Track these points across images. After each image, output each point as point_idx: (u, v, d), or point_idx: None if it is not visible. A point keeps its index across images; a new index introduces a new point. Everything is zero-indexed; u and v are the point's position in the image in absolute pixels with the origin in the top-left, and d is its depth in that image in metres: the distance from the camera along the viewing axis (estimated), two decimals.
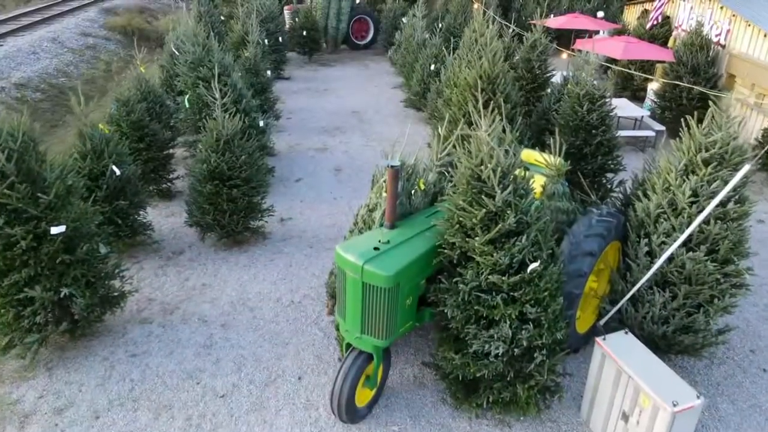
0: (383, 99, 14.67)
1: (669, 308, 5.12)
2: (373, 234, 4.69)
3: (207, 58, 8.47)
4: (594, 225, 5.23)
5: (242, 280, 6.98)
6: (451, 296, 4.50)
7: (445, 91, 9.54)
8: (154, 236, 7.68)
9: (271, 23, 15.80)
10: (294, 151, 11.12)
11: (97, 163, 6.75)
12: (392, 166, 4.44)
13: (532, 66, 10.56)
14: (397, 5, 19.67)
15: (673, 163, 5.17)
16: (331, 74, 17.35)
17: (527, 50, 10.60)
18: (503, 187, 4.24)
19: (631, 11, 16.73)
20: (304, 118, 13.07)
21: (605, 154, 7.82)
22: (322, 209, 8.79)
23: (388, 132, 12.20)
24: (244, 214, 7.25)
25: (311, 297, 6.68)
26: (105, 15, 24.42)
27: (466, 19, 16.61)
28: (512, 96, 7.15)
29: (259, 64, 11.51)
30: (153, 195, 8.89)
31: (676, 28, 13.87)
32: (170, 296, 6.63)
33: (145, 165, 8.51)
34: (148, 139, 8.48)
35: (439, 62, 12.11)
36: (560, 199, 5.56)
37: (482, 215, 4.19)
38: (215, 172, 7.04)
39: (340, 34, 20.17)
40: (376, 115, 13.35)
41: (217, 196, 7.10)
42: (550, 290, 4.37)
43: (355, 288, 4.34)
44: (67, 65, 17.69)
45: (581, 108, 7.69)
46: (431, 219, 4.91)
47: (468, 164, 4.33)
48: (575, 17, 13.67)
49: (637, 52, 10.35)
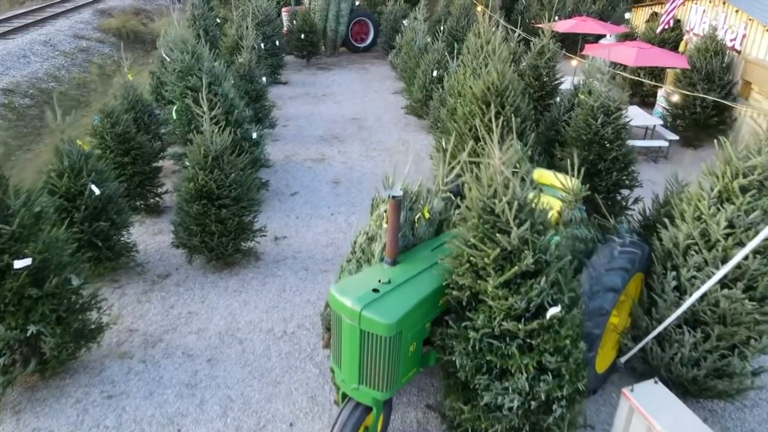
0: (383, 105, 14.17)
1: (700, 350, 4.62)
2: (373, 272, 4.19)
3: (196, 67, 7.97)
4: (616, 257, 4.73)
5: (232, 307, 6.49)
6: (459, 342, 4.00)
7: (449, 101, 9.05)
8: (138, 258, 7.19)
9: (268, 26, 15.31)
10: (290, 161, 10.63)
11: (75, 181, 6.25)
12: (394, 197, 3.95)
13: (540, 73, 10.06)
14: (397, 7, 19.14)
15: (705, 189, 4.67)
16: (330, 79, 16.85)
17: (535, 56, 10.11)
18: (519, 222, 3.74)
19: (638, 14, 16.22)
20: (301, 126, 12.57)
21: (621, 170, 7.32)
22: (318, 226, 8.29)
23: (389, 141, 11.71)
24: (234, 235, 6.75)
25: (306, 327, 6.18)
26: (99, 17, 23.92)
27: (468, 22, 16.12)
28: (522, 109, 6.65)
29: (253, 71, 11.02)
30: (140, 211, 8.41)
31: (687, 32, 13.36)
32: (153, 326, 6.14)
33: (131, 180, 8.02)
34: (134, 153, 7.99)
35: (442, 68, 11.62)
36: (578, 227, 5.07)
37: (495, 255, 3.69)
38: (203, 191, 6.54)
39: (339, 36, 19.66)
40: (376, 123, 12.85)
41: (204, 216, 6.60)
42: (572, 337, 3.87)
43: (353, 335, 3.84)
44: (58, 69, 17.19)
45: (595, 121, 7.20)
46: (437, 253, 4.41)
47: (479, 195, 3.83)
48: (583, 20, 13.10)
49: (650, 59, 9.84)
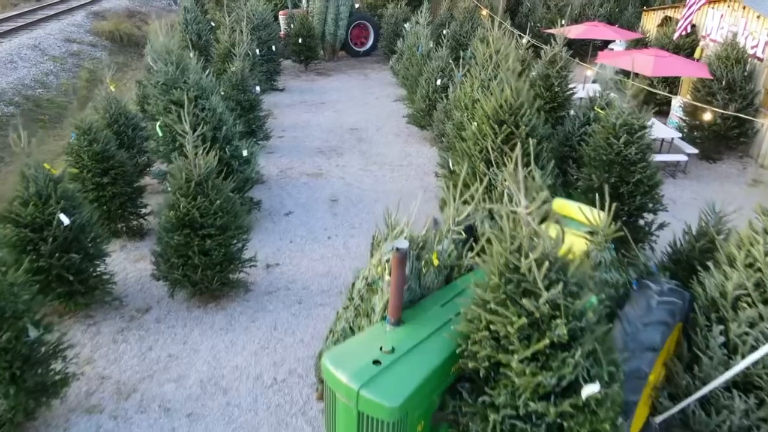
0: (384, 114, 13.54)
1: (753, 417, 3.99)
2: (373, 335, 3.56)
3: (182, 79, 7.33)
4: (654, 308, 4.10)
5: (217, 349, 5.85)
6: (476, 422, 3.36)
7: (455, 114, 8.42)
8: (116, 290, 6.55)
9: (264, 31, 14.67)
10: (285, 177, 9.99)
11: (43, 210, 5.62)
12: (398, 249, 3.32)
13: (552, 83, 9.42)
14: (398, 10, 18.47)
15: (758, 231, 4.04)
16: (328, 85, 16.21)
17: (546, 65, 9.47)
18: (549, 282, 3.10)
19: (649, 18, 15.58)
20: (298, 137, 11.93)
21: (645, 193, 6.69)
22: (314, 252, 7.65)
23: (390, 153, 11.06)
24: (220, 268, 6.12)
25: (298, 373, 5.55)
26: (93, 19, 23.29)
27: (473, 26, 15.49)
28: (538, 128, 6.02)
29: (246, 80, 10.39)
30: (121, 234, 7.78)
31: (703, 37, 12.72)
32: (128, 372, 5.50)
33: (111, 202, 7.39)
34: (114, 172, 7.35)
35: (446, 77, 10.98)
36: (607, 270, 4.44)
37: (521, 324, 3.06)
38: (185, 220, 5.91)
39: (338, 40, 19.01)
40: (377, 133, 12.21)
41: (187, 247, 5.96)
42: (612, 419, 3.23)
43: (348, 417, 3.21)
44: (46, 74, 16.57)
45: (617, 140, 6.56)
46: (448, 309, 3.78)
47: (500, 250, 3.19)
48: (594, 26, 12.44)
49: (669, 68, 9.20)
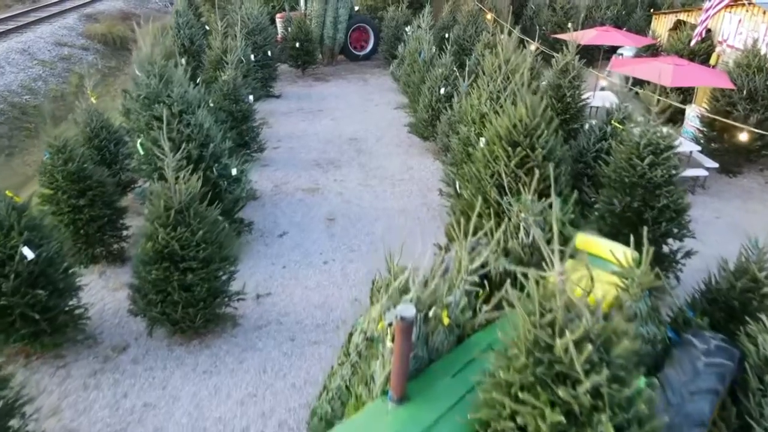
0: (384, 122, 12.94)
1: None
2: (372, 415, 2.97)
3: (165, 93, 6.75)
4: (702, 374, 3.51)
5: (199, 396, 5.26)
6: None
7: (462, 130, 7.83)
8: (90, 326, 5.97)
9: (259, 35, 14.07)
10: (279, 192, 9.40)
11: (4, 244, 5.04)
12: (403, 318, 2.73)
13: (563, 94, 8.85)
14: (399, 13, 17.83)
15: None
16: (327, 91, 15.62)
17: (557, 75, 8.89)
18: (591, 364, 2.52)
19: (660, 21, 14.99)
20: (294, 148, 11.34)
21: (671, 220, 6.10)
22: (309, 279, 7.06)
23: (391, 166, 10.47)
24: (203, 304, 5.53)
25: (289, 426, 4.96)
26: (85, 22, 22.73)
27: (477, 30, 14.89)
28: (556, 151, 5.43)
29: (239, 89, 9.81)
30: (100, 259, 7.19)
31: (720, 43, 12.14)
32: (98, 425, 4.91)
33: (88, 225, 6.80)
34: (92, 193, 6.76)
35: (450, 85, 10.39)
36: (644, 323, 3.85)
37: (556, 420, 2.47)
38: (163, 253, 5.32)
39: (337, 44, 18.42)
40: (377, 144, 11.62)
41: (166, 282, 5.38)
42: None
43: None
44: (34, 80, 16.00)
45: (641, 161, 5.97)
46: (461, 381, 3.18)
47: (528, 325, 2.60)
48: (605, 31, 11.84)
49: (689, 77, 8.62)
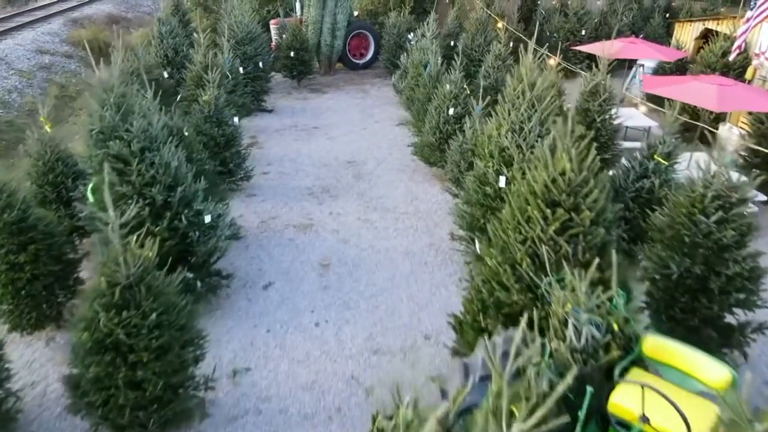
0: (386, 142, 11.79)
1: None
2: None
3: (123, 126, 5.59)
4: None
5: None
6: None
7: (477, 163, 6.68)
8: (21, 420, 4.81)
9: (250, 45, 12.91)
10: (267, 230, 8.24)
11: None
12: None
13: (592, 119, 7.70)
14: (401, 19, 16.66)
15: None
16: (324, 104, 14.47)
17: (585, 97, 7.74)
18: None
19: (684, 30, 13.83)
20: (285, 173, 10.19)
21: (742, 290, 4.95)
22: (296, 347, 5.90)
23: (393, 196, 9.31)
24: (158, 407, 4.37)
25: None
26: (71, 27, 21.59)
27: (486, 39, 13.75)
28: (607, 212, 4.27)
29: (222, 111, 8.67)
30: (47, 323, 6.03)
31: (757, 55, 10.98)
32: None
33: (30, 285, 5.66)
34: (36, 247, 5.62)
35: (460, 105, 9.24)
36: None
37: None
38: (106, 343, 4.17)
39: (335, 52, 17.28)
40: (378, 168, 10.46)
41: (109, 380, 4.22)
42: None
43: None
44: (9, 92, 14.86)
45: (706, 217, 4.82)
46: None
47: None
48: (632, 43, 10.59)
49: (738, 100, 7.43)
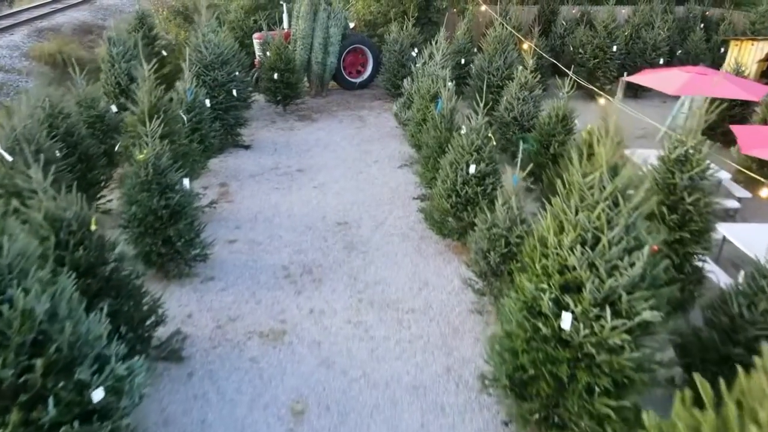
0: (386, 191, 9.55)
1: None
2: None
3: None
4: None
5: None
6: None
7: (524, 283, 4.42)
8: None
9: (221, 70, 10.63)
10: (222, 341, 5.99)
11: None
12: None
13: (680, 198, 5.45)
14: (404, 33, 14.36)
15: None
16: (312, 137, 12.22)
17: (670, 165, 5.50)
18: None
19: (743, 50, 11.59)
20: (257, 242, 7.93)
21: None
22: None
23: (395, 280, 7.06)
24: None
25: None
26: (36, 39, 19.36)
27: (506, 62, 11.50)
28: None
29: (166, 173, 6.43)
30: None
31: None
32: None
33: None
34: None
35: (484, 160, 7.00)
36: None
37: None
38: None
39: (327, 71, 15.05)
40: (376, 233, 8.21)
41: None
42: None
43: None
44: None
45: None
46: None
47: None
48: (702, 74, 8.28)
49: None
